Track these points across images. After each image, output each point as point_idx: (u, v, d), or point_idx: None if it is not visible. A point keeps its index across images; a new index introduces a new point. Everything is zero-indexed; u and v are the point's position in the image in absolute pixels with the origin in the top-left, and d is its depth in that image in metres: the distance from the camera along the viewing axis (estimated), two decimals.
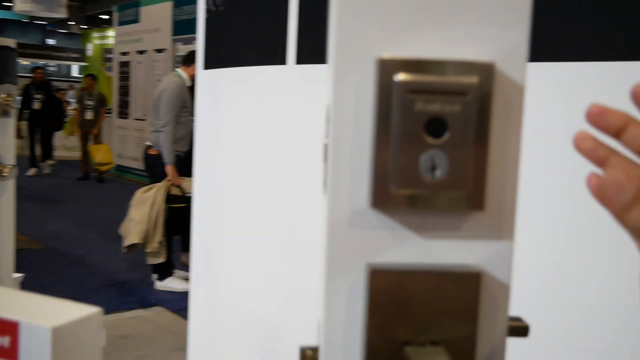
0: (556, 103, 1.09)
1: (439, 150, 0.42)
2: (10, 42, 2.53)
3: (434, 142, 0.42)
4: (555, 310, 1.18)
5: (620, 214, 0.38)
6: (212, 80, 2.32)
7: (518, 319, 0.48)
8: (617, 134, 0.46)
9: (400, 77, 0.42)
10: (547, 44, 1.11)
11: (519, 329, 0.47)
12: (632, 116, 0.46)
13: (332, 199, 0.44)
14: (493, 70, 0.43)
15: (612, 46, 1.10)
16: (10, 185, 2.56)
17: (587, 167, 0.47)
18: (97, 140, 10.31)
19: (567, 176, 1.12)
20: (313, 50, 1.86)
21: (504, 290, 0.45)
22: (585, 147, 0.47)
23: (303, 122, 1.89)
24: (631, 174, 0.40)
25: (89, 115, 9.99)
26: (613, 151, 0.48)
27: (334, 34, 0.44)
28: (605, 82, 1.10)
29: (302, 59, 1.90)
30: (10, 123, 2.54)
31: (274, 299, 1.99)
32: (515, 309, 0.47)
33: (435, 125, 0.42)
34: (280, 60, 1.96)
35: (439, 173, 0.42)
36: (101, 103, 10.11)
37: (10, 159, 2.53)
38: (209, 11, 2.34)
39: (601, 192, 0.39)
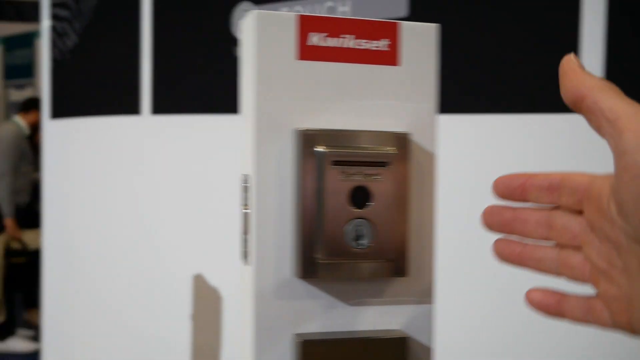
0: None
1: (364, 220, 0.43)
2: None
3: (358, 211, 0.43)
4: None
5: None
6: (61, 130, 2.23)
7: None
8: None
9: (322, 148, 0.43)
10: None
11: None
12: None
13: (258, 270, 0.44)
14: (409, 140, 0.45)
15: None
16: None
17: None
18: None
19: None
20: (168, 100, 1.84)
21: (427, 352, 0.46)
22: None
23: (158, 173, 1.85)
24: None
25: None
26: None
27: (252, 106, 0.44)
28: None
29: (157, 110, 1.88)
30: None
31: (134, 354, 1.91)
32: None
33: (358, 195, 0.43)
34: (134, 110, 1.92)
35: (364, 242, 0.43)
36: None
37: None
38: (55, 60, 2.25)
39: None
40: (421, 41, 0.46)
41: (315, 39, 0.44)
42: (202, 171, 1.73)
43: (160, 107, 1.85)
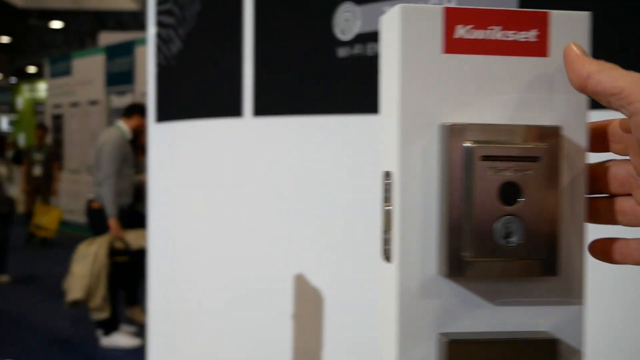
0: None
1: (514, 217, 0.42)
2: None
3: (508, 208, 0.42)
4: None
5: None
6: (166, 133, 2.30)
7: None
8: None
9: (471, 143, 0.42)
10: None
11: None
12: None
13: (401, 268, 0.43)
14: (560, 135, 0.43)
15: None
16: None
17: None
18: (47, 201, 8.63)
19: None
20: (269, 102, 1.86)
21: (578, 355, 0.44)
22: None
23: (260, 174, 1.88)
24: None
25: (37, 171, 8.33)
26: None
27: (396, 102, 0.43)
28: None
29: (258, 112, 1.90)
30: None
31: (236, 353, 1.94)
32: None
33: (508, 191, 0.42)
34: (236, 112, 1.95)
35: (514, 240, 0.42)
36: (53, 157, 8.57)
37: None
38: (160, 65, 2.32)
39: None
40: (572, 31, 0.44)
41: (462, 31, 0.43)
42: (304, 172, 1.75)
43: (262, 109, 1.88)
